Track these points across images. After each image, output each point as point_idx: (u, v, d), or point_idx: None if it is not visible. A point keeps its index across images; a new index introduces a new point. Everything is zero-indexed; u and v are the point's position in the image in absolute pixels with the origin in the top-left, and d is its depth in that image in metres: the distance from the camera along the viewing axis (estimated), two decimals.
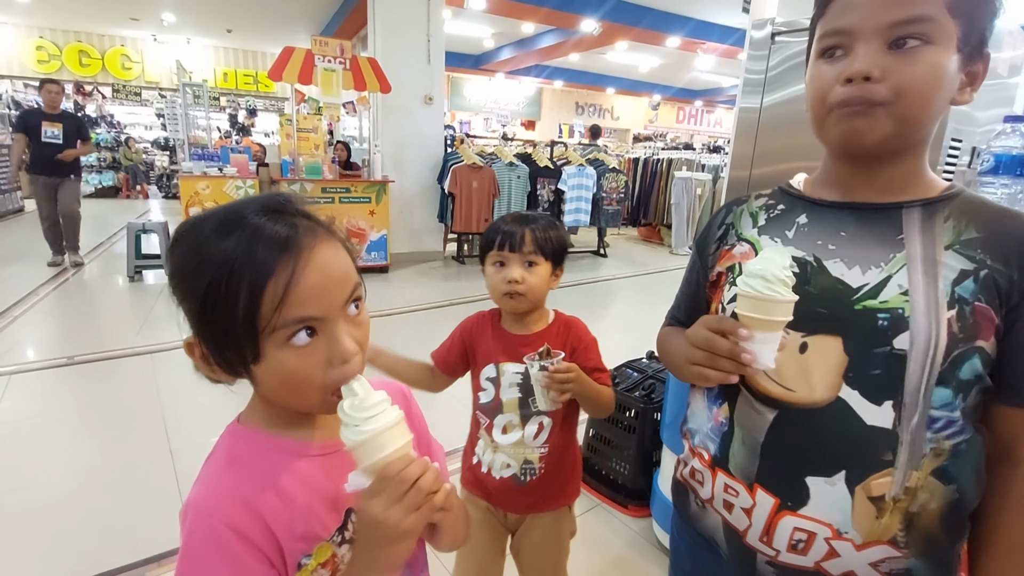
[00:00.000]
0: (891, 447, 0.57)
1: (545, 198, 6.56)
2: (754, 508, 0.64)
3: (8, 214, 7.89)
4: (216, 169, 4.90)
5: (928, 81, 0.57)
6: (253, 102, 13.11)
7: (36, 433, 2.33)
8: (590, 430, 2.12)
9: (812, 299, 0.61)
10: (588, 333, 1.12)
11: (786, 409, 0.62)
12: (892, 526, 0.58)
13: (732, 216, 0.76)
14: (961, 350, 0.56)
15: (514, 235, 1.02)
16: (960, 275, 0.57)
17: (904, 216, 0.62)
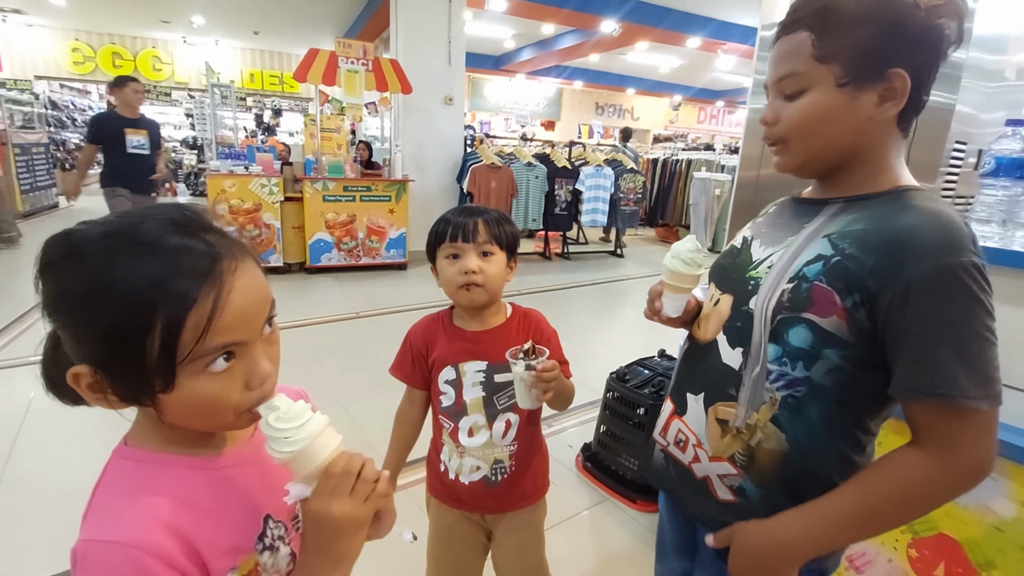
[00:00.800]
0: (735, 384, 0.74)
1: (563, 198, 6.59)
2: (661, 414, 0.87)
3: (44, 210, 8.20)
4: (242, 168, 5.03)
5: (806, 118, 0.71)
6: (278, 102, 13.38)
7: (68, 421, 2.44)
8: (601, 426, 2.16)
9: (734, 267, 0.81)
10: (547, 324, 1.11)
11: (693, 343, 0.84)
12: (732, 447, 0.74)
13: None
14: (785, 316, 0.68)
15: (466, 225, 0.99)
16: (815, 258, 0.69)
17: (824, 209, 0.75)
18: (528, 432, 1.08)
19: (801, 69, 0.70)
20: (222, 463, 0.58)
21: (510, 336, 1.04)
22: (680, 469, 0.81)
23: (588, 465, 2.14)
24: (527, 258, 6.91)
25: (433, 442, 1.13)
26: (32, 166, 7.98)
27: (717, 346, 0.77)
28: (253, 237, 5.01)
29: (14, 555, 1.62)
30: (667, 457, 0.83)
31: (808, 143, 0.73)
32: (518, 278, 5.68)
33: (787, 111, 0.73)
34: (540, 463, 1.13)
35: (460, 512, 1.11)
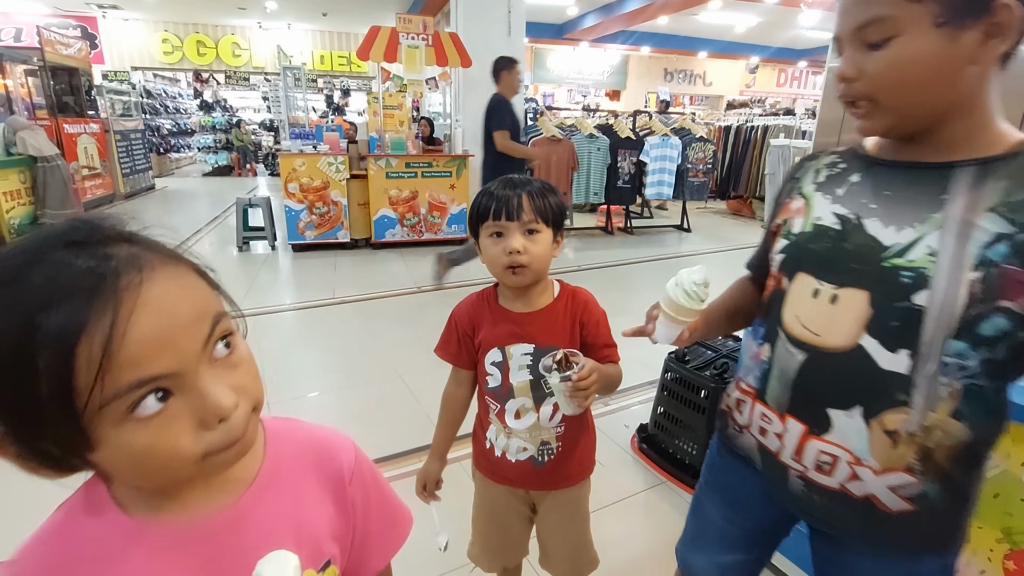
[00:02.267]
0: (904, 389, 0.64)
1: (626, 170, 6.37)
2: (785, 433, 0.75)
3: (142, 191, 8.95)
4: (311, 147, 5.22)
5: (898, 69, 0.62)
6: (347, 82, 13.76)
7: None
8: (658, 407, 2.09)
9: (847, 255, 0.68)
10: (597, 306, 1.04)
11: (815, 352, 0.71)
12: (907, 455, 0.66)
13: (802, 171, 0.82)
14: (981, 311, 0.60)
15: (510, 201, 0.92)
16: (994, 238, 0.59)
17: (956, 175, 0.64)
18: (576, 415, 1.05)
19: (888, 12, 0.60)
20: (157, 534, 0.45)
21: (557, 318, 1.00)
22: (827, 493, 0.71)
23: (644, 447, 2.09)
24: (588, 233, 6.77)
25: (479, 419, 1.12)
26: (131, 151, 8.70)
27: (865, 351, 0.66)
28: (322, 214, 5.22)
29: None
30: (808, 484, 0.73)
31: (903, 99, 0.63)
32: (578, 253, 5.65)
33: (873, 63, 0.63)
34: (587, 444, 1.11)
35: (505, 487, 1.11)
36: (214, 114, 12.63)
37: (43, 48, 6.53)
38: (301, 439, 0.57)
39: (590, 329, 1.01)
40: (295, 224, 5.15)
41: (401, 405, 2.46)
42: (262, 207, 5.31)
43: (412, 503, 1.85)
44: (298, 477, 0.54)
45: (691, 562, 0.99)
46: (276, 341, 3.23)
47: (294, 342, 3.29)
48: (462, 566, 1.25)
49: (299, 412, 2.41)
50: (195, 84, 13.39)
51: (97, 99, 8.11)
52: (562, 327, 1.00)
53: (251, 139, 12.55)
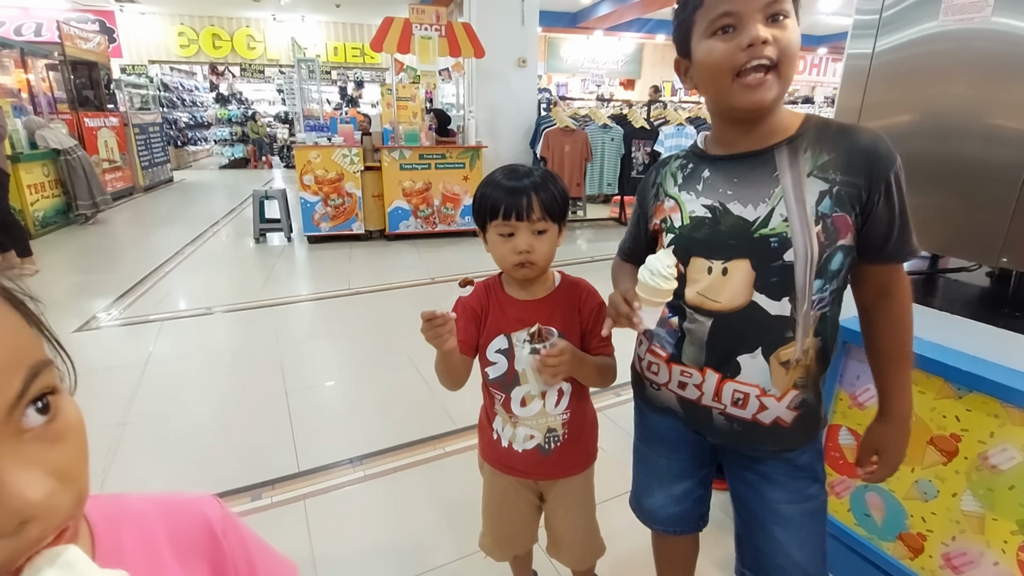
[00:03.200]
0: (791, 327, 0.82)
1: (640, 160, 6.32)
2: (703, 383, 0.89)
3: (160, 184, 9.08)
4: (325, 139, 5.26)
5: (796, 43, 0.75)
6: (361, 74, 13.77)
7: (181, 371, 2.75)
8: None
9: (725, 235, 0.83)
10: (595, 296, 1.05)
11: (718, 315, 0.85)
12: (794, 376, 0.84)
13: (660, 176, 0.96)
14: (828, 252, 0.79)
15: (520, 203, 0.93)
16: (820, 196, 0.78)
17: (776, 156, 0.81)
18: (580, 400, 1.08)
19: None
20: None
21: (558, 306, 1.03)
22: (745, 424, 0.88)
23: None
24: (602, 224, 6.74)
25: (484, 410, 1.13)
26: (150, 144, 8.83)
27: (757, 305, 0.82)
28: (337, 206, 5.27)
29: (142, 482, 1.86)
30: (728, 418, 0.89)
31: (793, 69, 0.77)
32: (591, 244, 5.63)
33: (782, 33, 0.74)
34: (591, 431, 1.14)
35: (513, 477, 1.13)
36: (230, 107, 12.75)
37: (63, 43, 6.63)
38: (143, 513, 0.45)
39: (585, 319, 1.03)
40: (310, 216, 5.21)
41: (415, 394, 2.49)
42: (278, 199, 5.37)
43: (415, 503, 1.86)
44: (149, 559, 0.42)
45: (648, 504, 1.11)
46: (292, 331, 3.29)
47: (310, 332, 3.34)
48: (473, 553, 1.28)
49: (316, 401, 2.46)
50: (211, 77, 13.51)
51: (116, 93, 8.22)
52: (562, 315, 1.03)
53: (266, 131, 12.65)
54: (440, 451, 2.06)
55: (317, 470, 1.94)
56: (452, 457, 2.04)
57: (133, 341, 3.09)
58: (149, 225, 6.34)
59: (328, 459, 2.01)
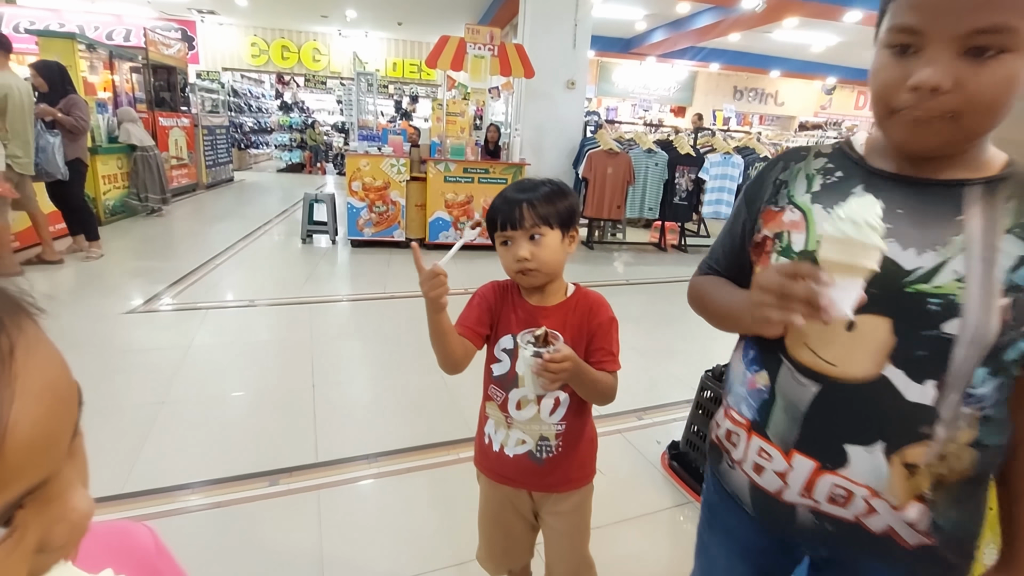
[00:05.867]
0: (929, 421, 0.60)
1: (683, 187, 6.26)
2: (789, 472, 0.68)
3: (222, 183, 9.60)
4: (376, 148, 5.46)
5: (1002, 92, 0.55)
6: (416, 89, 14.26)
7: (221, 357, 2.89)
8: (692, 426, 2.05)
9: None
10: (606, 312, 1.04)
11: (831, 383, 0.64)
12: (922, 485, 0.62)
13: (789, 173, 0.74)
14: (1010, 337, 0.58)
15: (512, 212, 0.97)
16: (1018, 262, 0.58)
17: (965, 195, 0.62)
18: (579, 416, 1.06)
19: (1016, 24, 0.53)
20: None
21: (567, 315, 1.03)
22: (843, 525, 0.67)
23: (674, 464, 2.05)
24: (641, 248, 6.69)
25: (480, 418, 1.14)
26: (215, 145, 9.37)
27: (889, 383, 0.61)
28: (381, 213, 5.44)
29: (173, 458, 1.96)
30: (819, 515, 0.68)
31: (989, 120, 0.57)
32: (628, 268, 5.60)
33: (976, 77, 0.55)
34: (588, 449, 1.12)
35: (508, 488, 1.12)
36: (292, 114, 13.40)
37: (147, 48, 7.17)
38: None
39: (593, 332, 1.02)
40: (355, 221, 5.39)
41: (437, 399, 2.53)
42: (326, 203, 5.59)
43: (424, 505, 1.87)
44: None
45: None
46: (329, 328, 3.40)
47: (345, 331, 3.44)
48: (471, 560, 1.28)
49: (340, 397, 2.53)
50: (277, 86, 14.28)
51: (190, 96, 8.80)
52: (571, 326, 1.03)
53: (323, 139, 13.22)
54: (454, 456, 2.09)
55: (334, 462, 1.99)
56: (466, 463, 2.05)
57: (179, 326, 3.27)
58: (207, 220, 6.71)
59: (345, 453, 2.06)
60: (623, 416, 2.46)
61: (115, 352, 2.84)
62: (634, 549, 1.68)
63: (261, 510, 1.75)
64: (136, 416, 2.21)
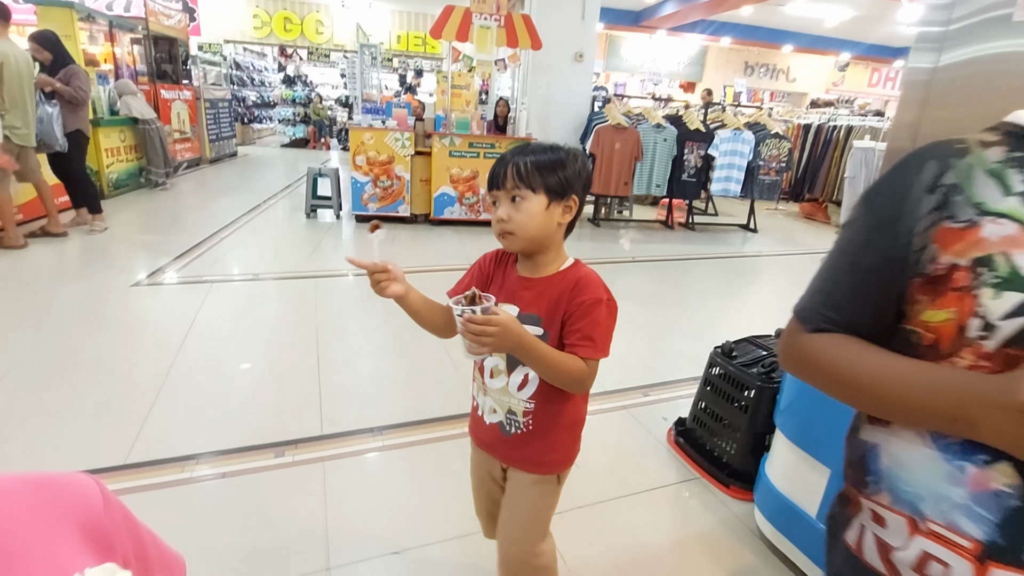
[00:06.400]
0: None
1: (692, 163, 6.15)
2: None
3: (225, 157, 9.52)
4: (380, 122, 5.38)
5: None
6: (420, 63, 14.01)
7: (227, 330, 2.88)
8: (700, 402, 2.03)
9: None
10: (592, 292, 0.93)
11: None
12: None
13: (955, 175, 0.53)
14: None
15: (498, 171, 0.94)
16: None
17: None
18: (551, 399, 1.00)
19: None
20: None
21: (548, 291, 0.97)
22: None
23: (680, 440, 2.04)
24: (648, 225, 6.62)
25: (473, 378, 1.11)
26: (218, 119, 9.26)
27: None
28: (386, 188, 5.38)
29: (179, 429, 1.96)
30: None
31: None
32: (635, 246, 5.55)
33: None
34: (563, 436, 1.05)
35: (484, 454, 1.12)
36: (295, 88, 13.22)
37: (148, 19, 7.04)
38: (9, 490, 0.40)
39: (572, 313, 0.93)
40: (360, 196, 5.34)
41: (441, 374, 2.52)
42: (330, 177, 5.53)
43: (427, 478, 1.87)
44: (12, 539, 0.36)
45: None
46: (333, 302, 3.39)
47: (350, 306, 3.43)
48: (474, 533, 1.28)
49: (345, 371, 2.53)
50: (280, 59, 14.05)
51: (191, 68, 8.66)
52: (548, 301, 0.96)
53: (327, 114, 13.05)
54: (459, 430, 2.08)
55: (339, 435, 1.99)
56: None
57: (185, 299, 3.26)
58: (211, 194, 6.67)
59: (351, 426, 2.06)
60: (629, 392, 2.45)
61: (121, 325, 2.84)
62: (640, 522, 1.68)
63: (267, 481, 1.75)
64: (141, 387, 2.21)
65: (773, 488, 1.60)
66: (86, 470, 1.84)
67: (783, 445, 1.59)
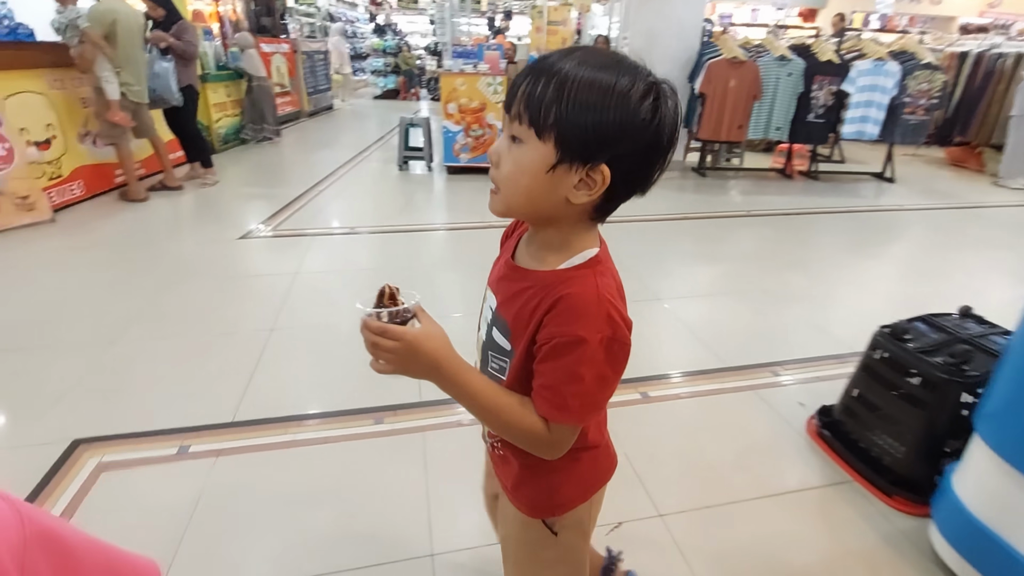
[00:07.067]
0: None
1: (820, 101, 5.33)
2: None
3: (322, 111, 9.74)
4: (471, 66, 5.12)
5: None
6: (510, 4, 13.39)
7: (325, 285, 2.88)
8: (853, 389, 1.70)
9: None
10: (578, 324, 0.59)
11: None
12: None
13: None
14: None
15: (516, 86, 0.59)
16: None
17: None
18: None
19: None
20: None
21: (530, 295, 0.64)
22: None
23: (826, 433, 1.73)
24: (761, 175, 5.93)
25: None
26: (315, 72, 9.43)
27: None
28: (477, 137, 5.17)
29: (282, 389, 1.96)
30: None
31: None
32: (747, 198, 4.97)
33: None
34: (531, 475, 0.76)
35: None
36: (386, 37, 13.18)
37: None
38: None
39: (541, 340, 0.61)
40: (451, 146, 5.18)
41: None
42: (422, 127, 5.42)
43: None
44: None
45: None
46: (427, 258, 3.32)
47: (443, 260, 3.34)
48: None
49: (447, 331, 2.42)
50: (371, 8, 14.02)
51: (288, 22, 8.80)
52: (521, 309, 0.65)
53: (416, 63, 12.95)
54: None
55: (438, 403, 1.89)
56: None
57: (287, 252, 3.32)
58: (310, 147, 6.84)
59: None
60: (756, 370, 2.14)
61: (229, 278, 2.93)
62: (781, 531, 1.43)
63: (367, 449, 1.69)
64: (248, 344, 2.23)
65: (963, 508, 1.28)
66: (197, 427, 1.75)
67: (984, 457, 1.25)
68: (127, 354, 2.14)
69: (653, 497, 1.48)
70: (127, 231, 3.60)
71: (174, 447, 1.64)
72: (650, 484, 1.52)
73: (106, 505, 1.44)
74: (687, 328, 2.45)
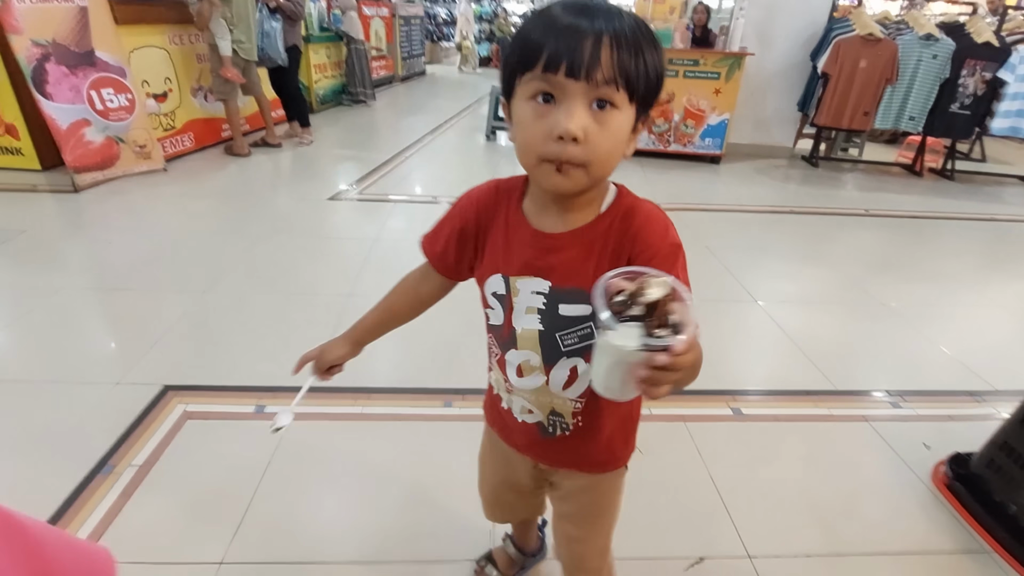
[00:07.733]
0: None
1: (969, 90, 4.63)
2: None
3: (415, 76, 9.82)
4: None
5: None
6: None
7: (403, 253, 2.86)
8: (1003, 439, 1.42)
9: None
10: (661, 232, 0.60)
11: None
12: None
13: None
14: None
15: (580, 43, 0.50)
16: None
17: None
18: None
19: None
20: None
21: (592, 246, 0.61)
22: None
23: (959, 487, 1.47)
24: (884, 169, 5.29)
25: (488, 352, 0.79)
26: (411, 37, 9.48)
27: None
28: None
29: None
30: None
31: None
32: (867, 195, 4.44)
33: None
34: (621, 429, 0.77)
35: (511, 451, 0.84)
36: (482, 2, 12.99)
37: None
38: None
39: (640, 260, 0.58)
40: None
41: None
42: None
43: None
44: None
45: None
46: None
47: None
48: None
49: None
50: None
51: None
52: (594, 260, 0.61)
53: (510, 30, 12.69)
54: None
55: None
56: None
57: (370, 215, 3.34)
58: (400, 112, 6.91)
59: None
60: (870, 398, 1.87)
61: (316, 237, 2.98)
62: None
63: (435, 430, 1.64)
64: (327, 307, 2.25)
65: None
66: (273, 388, 1.75)
67: None
68: (218, 305, 2.23)
69: (742, 534, 1.31)
70: (230, 184, 3.77)
71: (252, 405, 1.67)
72: (739, 518, 1.35)
73: (189, 452, 1.49)
74: (789, 339, 2.19)
